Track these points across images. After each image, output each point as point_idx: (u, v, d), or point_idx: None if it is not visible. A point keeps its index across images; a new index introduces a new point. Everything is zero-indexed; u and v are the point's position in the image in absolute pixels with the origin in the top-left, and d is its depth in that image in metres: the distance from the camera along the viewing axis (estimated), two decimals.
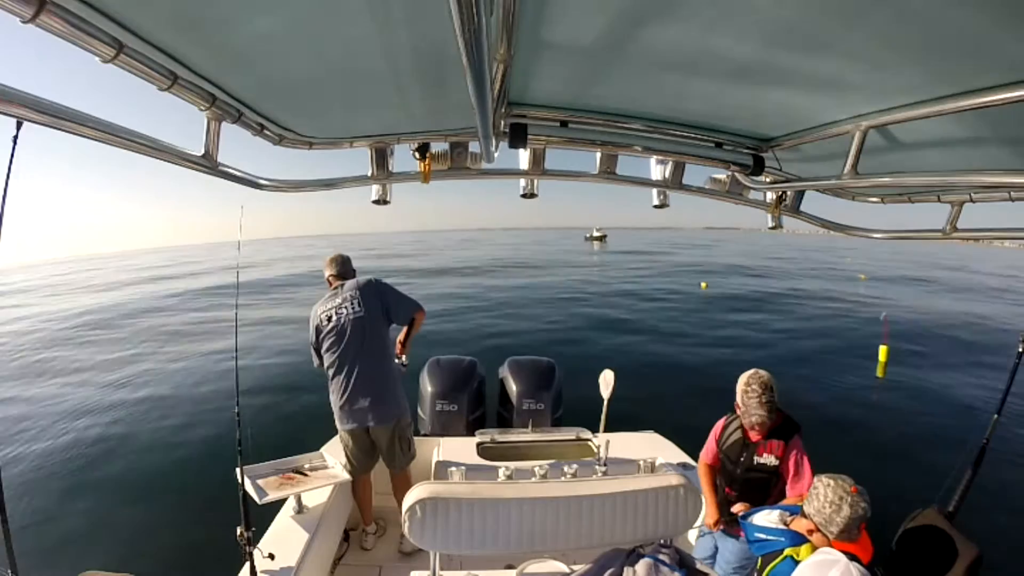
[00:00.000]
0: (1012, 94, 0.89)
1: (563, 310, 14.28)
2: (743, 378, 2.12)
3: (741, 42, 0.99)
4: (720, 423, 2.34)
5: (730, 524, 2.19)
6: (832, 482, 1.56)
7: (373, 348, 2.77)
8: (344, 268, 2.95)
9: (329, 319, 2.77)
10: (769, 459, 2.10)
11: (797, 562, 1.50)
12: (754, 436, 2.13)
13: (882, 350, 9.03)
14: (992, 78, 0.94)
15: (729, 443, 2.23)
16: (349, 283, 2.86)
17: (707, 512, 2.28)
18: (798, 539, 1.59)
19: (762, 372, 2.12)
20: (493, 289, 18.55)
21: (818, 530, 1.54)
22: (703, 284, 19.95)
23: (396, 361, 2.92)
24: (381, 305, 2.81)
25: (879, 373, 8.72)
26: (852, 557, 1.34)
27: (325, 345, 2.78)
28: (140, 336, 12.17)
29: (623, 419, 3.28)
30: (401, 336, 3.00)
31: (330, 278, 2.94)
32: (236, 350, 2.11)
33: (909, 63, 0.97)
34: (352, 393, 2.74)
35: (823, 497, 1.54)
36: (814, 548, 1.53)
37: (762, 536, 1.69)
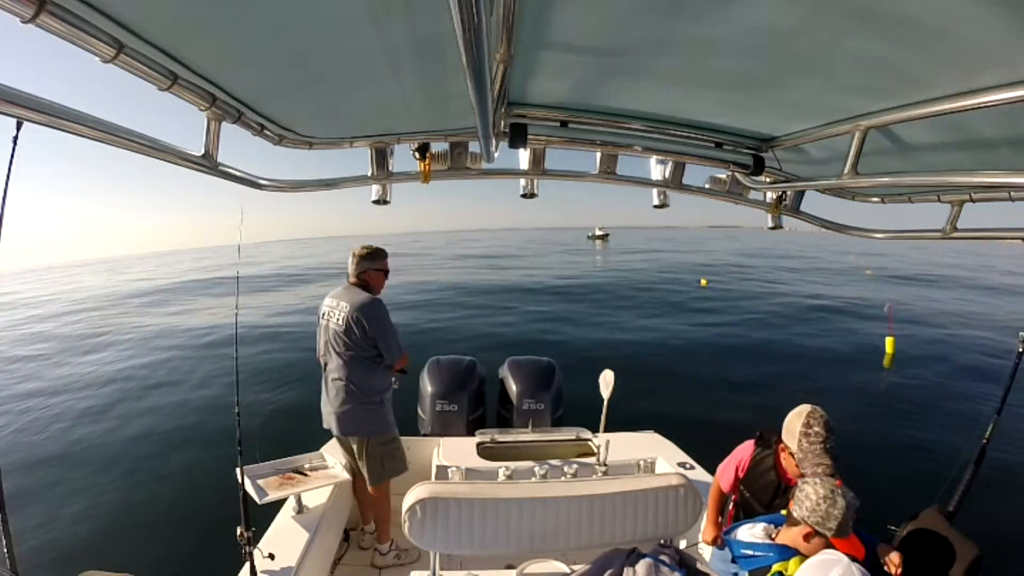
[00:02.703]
0: (1012, 94, 0.89)
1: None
2: (800, 418, 1.80)
3: (741, 42, 0.99)
4: (746, 455, 2.06)
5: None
6: (816, 481, 1.55)
7: (345, 362, 2.65)
8: (360, 267, 2.76)
9: (322, 316, 2.76)
10: None
11: None
12: (793, 478, 1.89)
13: (888, 341, 9.00)
14: (992, 78, 0.94)
15: (760, 484, 1.98)
16: (354, 294, 2.69)
17: (705, 529, 2.23)
18: (786, 553, 1.56)
19: (818, 409, 1.81)
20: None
21: (815, 533, 1.51)
22: (703, 281, 19.89)
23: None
24: (364, 331, 2.62)
25: (886, 364, 8.67)
26: (851, 559, 1.33)
27: (318, 343, 2.80)
28: (138, 336, 12.17)
29: (623, 419, 3.28)
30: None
31: (349, 274, 2.79)
32: (236, 350, 2.11)
33: (909, 63, 0.97)
34: (325, 399, 2.75)
35: (814, 496, 1.52)
36: (803, 559, 1.49)
37: (749, 552, 1.65)
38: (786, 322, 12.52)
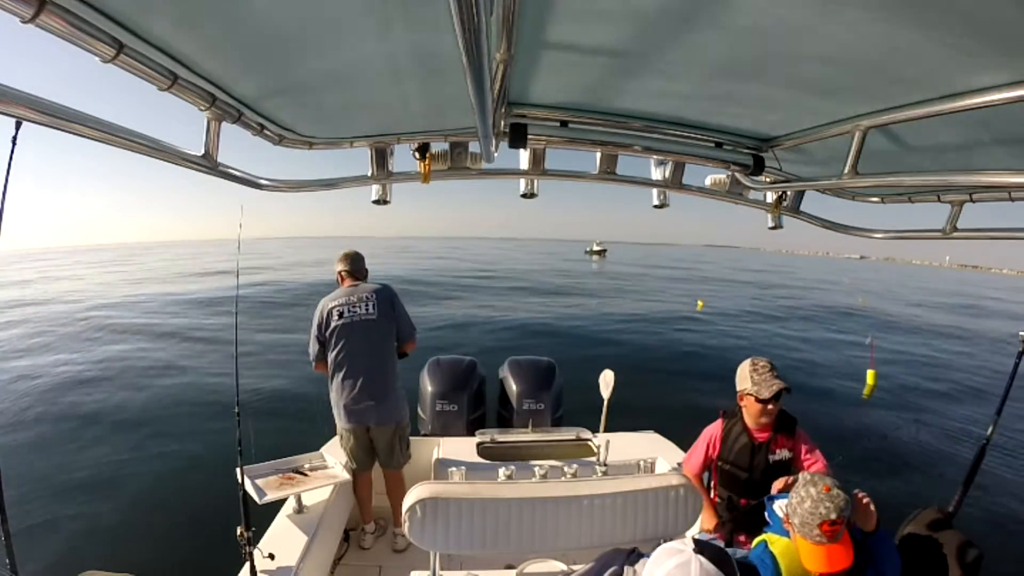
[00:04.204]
0: (1012, 94, 0.89)
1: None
2: (745, 364, 2.09)
3: (741, 42, 0.99)
4: (716, 432, 2.20)
5: (736, 528, 2.08)
6: (812, 477, 1.53)
7: (381, 351, 2.83)
8: (357, 266, 2.98)
9: (340, 315, 2.78)
10: (784, 453, 2.07)
11: (769, 549, 1.54)
12: (761, 436, 2.08)
13: (869, 374, 8.92)
14: (992, 78, 0.94)
15: (736, 450, 2.12)
16: (366, 285, 2.92)
17: (705, 517, 2.19)
18: (780, 529, 1.60)
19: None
20: None
21: (788, 521, 1.54)
22: (699, 303, 19.52)
23: None
24: (393, 314, 2.88)
25: (865, 394, 8.62)
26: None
27: (332, 341, 2.79)
28: (138, 335, 12.16)
29: (623, 419, 3.28)
30: None
31: (342, 273, 2.97)
32: (236, 350, 2.11)
33: (909, 63, 0.97)
34: (358, 392, 2.77)
35: (797, 488, 1.53)
36: (789, 542, 1.52)
37: (767, 517, 1.74)
38: (779, 337, 12.54)
